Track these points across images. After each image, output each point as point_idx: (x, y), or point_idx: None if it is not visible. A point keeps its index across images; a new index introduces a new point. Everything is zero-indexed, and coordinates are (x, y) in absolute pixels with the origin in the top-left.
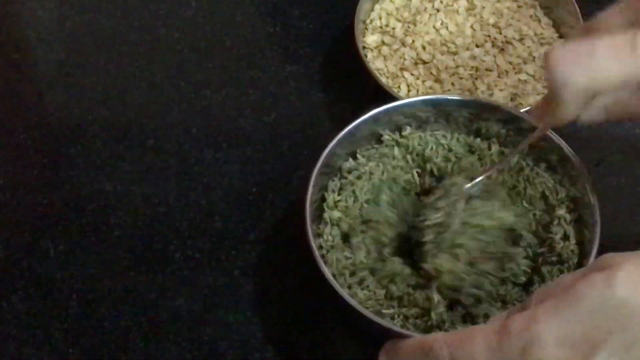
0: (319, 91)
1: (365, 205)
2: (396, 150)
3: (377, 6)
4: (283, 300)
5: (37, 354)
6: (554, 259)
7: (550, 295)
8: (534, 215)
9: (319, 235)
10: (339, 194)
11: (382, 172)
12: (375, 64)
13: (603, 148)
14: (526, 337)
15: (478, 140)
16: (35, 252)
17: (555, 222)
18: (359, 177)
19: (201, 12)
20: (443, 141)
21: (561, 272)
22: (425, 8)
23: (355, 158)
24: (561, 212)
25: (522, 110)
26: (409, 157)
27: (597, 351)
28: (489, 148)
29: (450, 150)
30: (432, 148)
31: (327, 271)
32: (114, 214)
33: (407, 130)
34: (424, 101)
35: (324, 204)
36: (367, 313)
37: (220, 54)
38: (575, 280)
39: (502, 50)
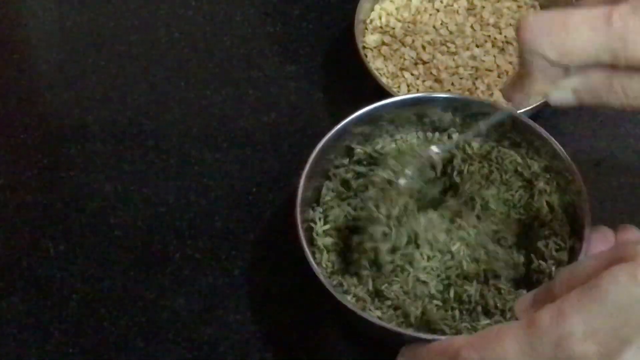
0: (319, 91)
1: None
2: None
3: (377, 6)
4: (283, 300)
5: (37, 354)
6: (546, 232)
7: (574, 283)
8: (512, 196)
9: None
10: (325, 222)
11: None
12: (375, 63)
13: (603, 148)
14: (558, 333)
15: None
16: (35, 252)
17: (537, 196)
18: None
19: (201, 12)
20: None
21: (557, 245)
22: (425, 8)
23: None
24: (540, 184)
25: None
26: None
27: (626, 346)
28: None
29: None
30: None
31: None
32: (114, 214)
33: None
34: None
35: (313, 232)
36: (369, 317)
37: (220, 54)
38: (599, 270)
39: (502, 50)
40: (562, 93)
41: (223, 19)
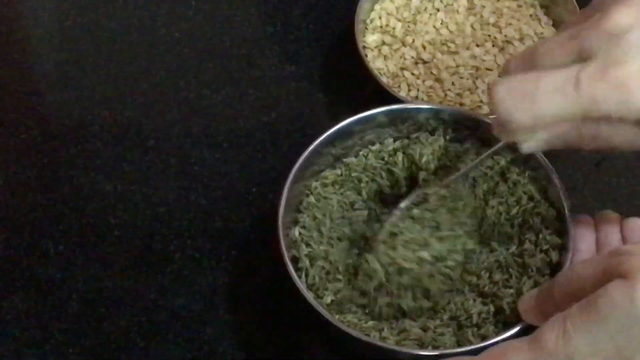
0: (319, 91)
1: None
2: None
3: (377, 6)
4: (283, 300)
5: (37, 354)
6: (534, 220)
7: (573, 290)
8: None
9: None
10: (306, 246)
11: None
12: (376, 63)
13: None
14: (565, 351)
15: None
16: (35, 252)
17: (513, 188)
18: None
19: (201, 12)
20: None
21: (547, 240)
22: (426, 8)
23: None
24: (513, 176)
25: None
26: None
27: None
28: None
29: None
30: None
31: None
32: (114, 214)
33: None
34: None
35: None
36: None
37: (220, 54)
38: (596, 278)
39: (502, 49)
40: (533, 143)
41: (223, 19)
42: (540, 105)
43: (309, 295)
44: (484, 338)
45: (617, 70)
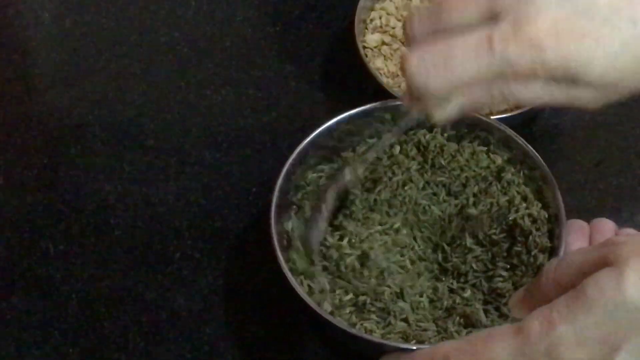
0: (319, 91)
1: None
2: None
3: (377, 5)
4: (283, 300)
5: (37, 354)
6: (525, 221)
7: (561, 280)
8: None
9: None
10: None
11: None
12: (375, 63)
13: (603, 148)
14: (548, 340)
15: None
16: (35, 252)
17: (506, 188)
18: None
19: (201, 12)
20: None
21: (536, 242)
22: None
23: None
24: (507, 176)
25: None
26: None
27: (616, 352)
28: None
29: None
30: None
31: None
32: (114, 214)
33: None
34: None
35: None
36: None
37: (220, 54)
38: (584, 268)
39: None
40: (446, 112)
41: (223, 19)
42: (454, 71)
43: (300, 289)
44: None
45: (529, 27)
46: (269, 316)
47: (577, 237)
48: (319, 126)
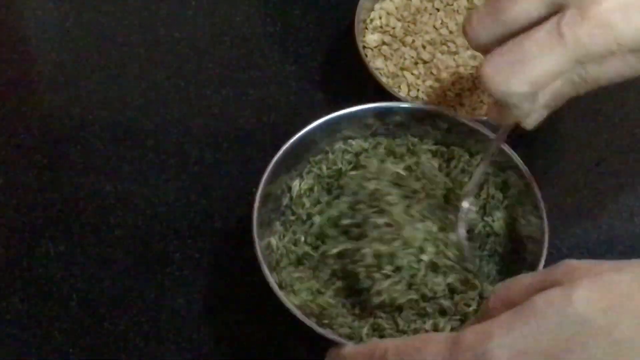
0: (319, 91)
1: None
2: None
3: (377, 5)
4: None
5: (37, 354)
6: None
7: (506, 303)
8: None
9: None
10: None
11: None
12: (376, 63)
13: (603, 148)
14: (478, 352)
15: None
16: (35, 252)
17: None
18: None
19: (201, 12)
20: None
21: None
22: (426, 7)
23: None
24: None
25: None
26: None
27: None
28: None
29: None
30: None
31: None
32: (114, 214)
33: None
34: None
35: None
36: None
37: (220, 54)
38: (533, 291)
39: None
40: (537, 114)
41: (223, 19)
42: (534, 69)
43: (284, 299)
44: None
45: (595, 8)
46: (269, 316)
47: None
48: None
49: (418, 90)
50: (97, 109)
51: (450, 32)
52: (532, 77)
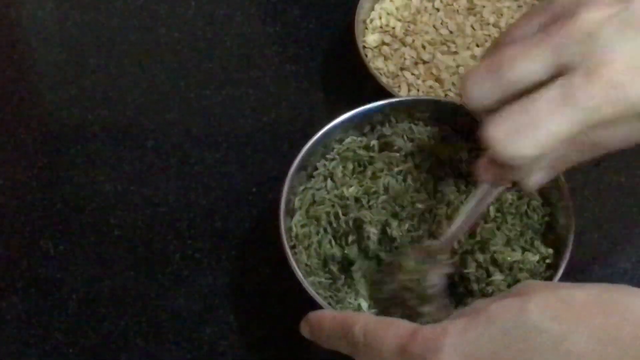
0: (319, 91)
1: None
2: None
3: (377, 6)
4: (283, 300)
5: (37, 354)
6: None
7: (465, 315)
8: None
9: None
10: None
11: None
12: (376, 63)
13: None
14: (429, 347)
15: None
16: (35, 252)
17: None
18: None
19: (201, 12)
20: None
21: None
22: (426, 7)
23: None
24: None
25: None
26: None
27: None
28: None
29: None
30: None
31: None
32: (114, 214)
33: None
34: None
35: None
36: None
37: (220, 54)
38: (491, 302)
39: None
40: (539, 176)
41: (223, 19)
42: (543, 132)
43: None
44: None
45: (605, 70)
46: (269, 316)
47: None
48: (320, 129)
49: (418, 90)
50: (97, 109)
51: (450, 32)
52: (542, 140)
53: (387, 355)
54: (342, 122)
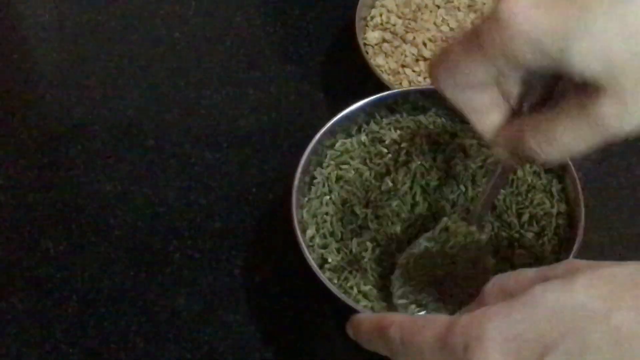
0: (319, 91)
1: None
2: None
3: (377, 3)
4: (283, 300)
5: (37, 354)
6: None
7: (503, 293)
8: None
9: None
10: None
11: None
12: (377, 60)
13: (603, 148)
14: (472, 335)
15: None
16: (35, 252)
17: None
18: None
19: (201, 12)
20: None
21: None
22: (426, 4)
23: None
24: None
25: None
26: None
27: (549, 352)
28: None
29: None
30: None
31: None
32: (114, 214)
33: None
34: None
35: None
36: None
37: (220, 54)
38: (533, 281)
39: None
40: (500, 151)
41: (223, 19)
42: (570, 147)
43: (327, 281)
44: None
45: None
46: (269, 316)
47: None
48: (320, 129)
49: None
50: (97, 109)
51: (451, 29)
52: (568, 152)
53: (427, 352)
54: (332, 126)
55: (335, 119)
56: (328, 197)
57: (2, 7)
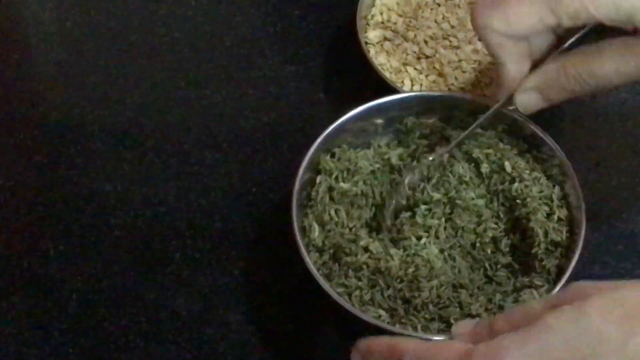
0: (319, 91)
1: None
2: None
3: (378, 1)
4: (282, 300)
5: (37, 354)
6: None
7: (516, 322)
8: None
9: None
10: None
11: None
12: (378, 59)
13: (603, 148)
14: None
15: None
16: (35, 252)
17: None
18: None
19: (201, 12)
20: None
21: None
22: (427, 2)
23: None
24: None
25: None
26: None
27: None
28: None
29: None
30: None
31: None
32: (114, 214)
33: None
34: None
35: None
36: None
37: (220, 54)
38: (544, 311)
39: None
40: (527, 94)
41: (223, 19)
42: (510, 11)
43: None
44: None
45: None
46: (269, 316)
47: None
48: (320, 129)
49: (421, 85)
50: (97, 109)
51: (452, 27)
52: (507, 17)
53: None
54: (334, 130)
55: (339, 121)
56: (328, 198)
57: (2, 7)
